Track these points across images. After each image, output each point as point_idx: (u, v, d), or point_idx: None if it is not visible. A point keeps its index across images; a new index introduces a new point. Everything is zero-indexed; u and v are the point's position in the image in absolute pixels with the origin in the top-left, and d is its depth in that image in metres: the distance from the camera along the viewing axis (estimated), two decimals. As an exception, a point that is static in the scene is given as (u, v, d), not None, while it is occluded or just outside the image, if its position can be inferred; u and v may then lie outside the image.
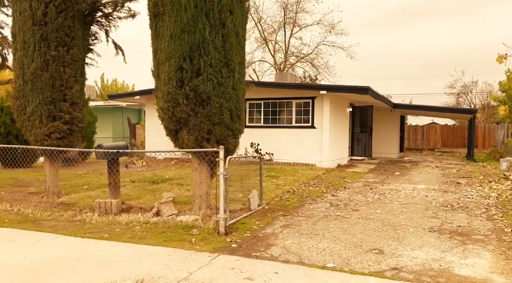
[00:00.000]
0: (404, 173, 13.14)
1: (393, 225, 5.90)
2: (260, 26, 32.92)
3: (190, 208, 6.22)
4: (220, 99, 5.76)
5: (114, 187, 6.36)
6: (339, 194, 8.76)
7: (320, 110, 13.96)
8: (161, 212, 5.66)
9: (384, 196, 8.48)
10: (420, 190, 9.48)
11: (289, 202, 7.66)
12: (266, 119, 15.08)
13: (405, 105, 19.61)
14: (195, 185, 6.22)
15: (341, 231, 5.50)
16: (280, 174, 11.31)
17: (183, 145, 5.92)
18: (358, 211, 6.90)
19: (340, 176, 11.74)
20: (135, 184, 9.02)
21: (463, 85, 34.96)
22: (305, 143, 14.15)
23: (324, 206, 7.38)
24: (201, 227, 5.27)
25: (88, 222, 5.79)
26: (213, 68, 5.65)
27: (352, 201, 7.92)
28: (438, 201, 8.05)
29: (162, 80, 5.79)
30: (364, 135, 17.91)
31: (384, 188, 9.73)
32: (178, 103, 5.70)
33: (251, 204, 6.40)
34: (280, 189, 8.79)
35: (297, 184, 9.73)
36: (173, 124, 5.88)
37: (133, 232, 5.25)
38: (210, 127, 5.83)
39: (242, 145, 15.55)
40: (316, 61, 33.93)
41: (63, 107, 7.04)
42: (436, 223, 6.11)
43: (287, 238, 5.15)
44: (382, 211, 6.96)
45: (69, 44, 7.04)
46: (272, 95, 14.85)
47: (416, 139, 27.88)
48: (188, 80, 5.62)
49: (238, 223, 5.65)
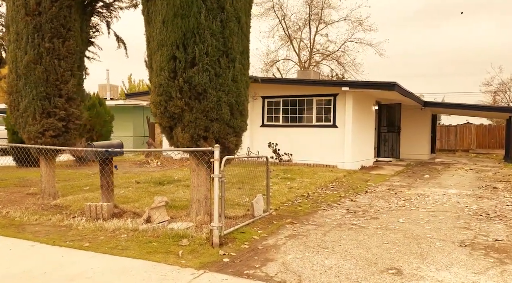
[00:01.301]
0: (434, 176, 12.11)
1: (417, 238, 5.09)
2: (284, 23, 32.19)
3: (187, 214, 5.62)
4: (218, 92, 5.12)
5: (106, 189, 5.84)
6: (358, 199, 7.96)
7: (342, 108, 13.12)
8: (151, 218, 5.08)
9: (410, 202, 7.61)
10: (451, 195, 8.54)
11: (301, 207, 6.94)
12: (285, 118, 14.36)
13: (436, 103, 18.40)
14: (192, 189, 5.61)
15: (354, 244, 4.75)
16: (297, 176, 10.57)
17: (178, 143, 5.33)
18: (378, 220, 6.11)
19: (362, 179, 10.88)
20: (139, 185, 8.53)
21: (501, 82, 32.88)
22: (326, 143, 13.34)
23: (340, 212, 6.62)
24: (192, 237, 4.65)
25: (74, 227, 5.28)
26: (209, 57, 5.02)
27: (372, 207, 7.11)
28: (472, 208, 7.13)
29: (154, 71, 5.22)
30: (392, 135, 16.87)
31: (410, 192, 8.84)
32: (171, 97, 5.10)
33: (254, 210, 5.73)
34: (293, 193, 8.07)
35: (313, 187, 8.98)
36: (166, 120, 5.29)
37: (118, 241, 4.69)
38: (207, 123, 5.20)
39: (260, 144, 14.97)
40: (342, 58, 32.90)
41: (58, 103, 6.60)
42: (468, 236, 5.25)
43: (289, 251, 4.45)
44: (406, 219, 6.14)
45: (64, 36, 6.60)
46: (291, 92, 14.12)
47: (449, 139, 26.36)
48: (182, 70, 5.02)
49: (236, 232, 4.99)
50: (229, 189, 8.31)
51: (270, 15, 31.98)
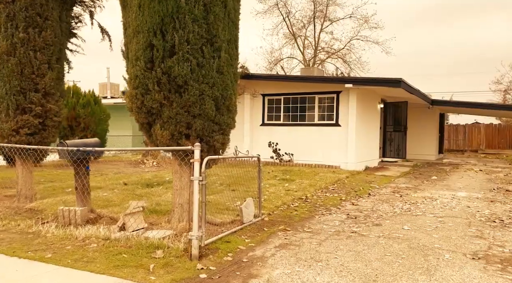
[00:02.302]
0: (442, 178, 11.49)
1: (423, 248, 4.52)
2: (288, 21, 31.58)
3: (168, 220, 5.09)
4: (201, 84, 4.59)
5: (81, 192, 5.33)
6: (360, 202, 7.38)
7: (345, 106, 12.54)
8: (125, 225, 4.56)
9: (416, 207, 7.02)
10: (460, 198, 7.93)
11: (297, 212, 6.38)
12: (286, 117, 13.80)
13: (444, 101, 17.73)
14: (174, 192, 5.09)
15: (352, 257, 4.19)
16: (296, 177, 10.02)
17: (157, 142, 4.80)
18: (380, 227, 5.53)
19: (365, 181, 10.29)
20: (126, 187, 8.02)
21: (511, 80, 31.98)
22: (328, 142, 12.76)
23: (339, 218, 6.06)
24: (169, 248, 4.12)
25: (42, 235, 4.77)
26: (191, 45, 4.49)
27: (375, 212, 6.54)
28: (484, 213, 6.54)
29: (129, 61, 4.70)
30: (398, 134, 16.21)
31: (416, 195, 8.24)
32: (148, 90, 4.57)
33: (243, 216, 5.18)
34: (290, 196, 7.52)
35: (312, 189, 8.41)
36: (144, 116, 4.77)
37: (85, 251, 4.17)
38: (189, 120, 4.66)
39: (260, 144, 14.41)
40: (348, 56, 32.21)
41: (34, 98, 6.10)
42: (481, 246, 4.67)
43: (278, 265, 3.90)
44: (411, 226, 5.56)
45: (41, 25, 6.10)
46: (292, 90, 13.55)
47: (457, 139, 25.61)
48: (160, 60, 4.49)
49: (220, 242, 4.45)
50: (222, 191, 7.79)
51: (274, 12, 31.42)
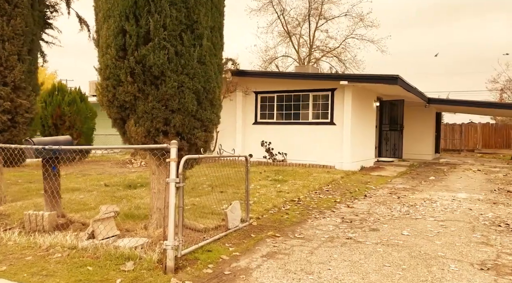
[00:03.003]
0: (441, 178, 11.09)
1: (426, 257, 4.08)
2: (283, 19, 31.17)
3: (145, 226, 4.62)
4: (180, 75, 4.12)
5: (51, 195, 4.85)
6: (356, 204, 6.95)
7: (340, 104, 12.10)
8: (95, 232, 4.08)
9: (415, 209, 6.60)
10: (461, 200, 7.52)
11: (288, 215, 5.93)
12: (280, 115, 13.35)
13: (441, 100, 17.36)
14: (152, 195, 4.62)
15: (347, 268, 3.75)
16: (289, 177, 9.57)
17: (132, 139, 4.33)
18: (378, 232, 5.10)
19: (361, 181, 9.86)
20: (107, 188, 7.53)
21: (508, 79, 31.66)
22: (323, 141, 12.33)
23: (333, 222, 5.61)
24: (141, 259, 3.65)
25: (3, 243, 4.28)
26: (168, 31, 4.02)
27: (371, 215, 6.11)
28: (487, 217, 6.13)
29: (100, 49, 4.23)
30: (394, 133, 15.82)
31: (415, 197, 7.83)
32: (120, 81, 4.10)
33: (228, 221, 4.72)
34: (282, 197, 7.07)
35: (305, 190, 7.97)
36: (116, 111, 4.29)
37: (46, 263, 3.69)
38: (167, 115, 4.20)
39: (253, 143, 13.95)
40: (343, 55, 31.86)
41: (1, 92, 5.60)
42: (489, 254, 4.25)
43: (263, 278, 3.45)
44: (411, 232, 5.13)
45: (10, 13, 5.60)
46: (286, 87, 13.11)
47: (453, 139, 25.29)
48: (133, 48, 4.02)
49: (200, 251, 3.99)
50: (210, 193, 7.33)
51: (269, 10, 30.98)
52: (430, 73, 60.34)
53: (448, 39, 58.76)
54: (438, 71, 61.50)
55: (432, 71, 61.20)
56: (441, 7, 56.18)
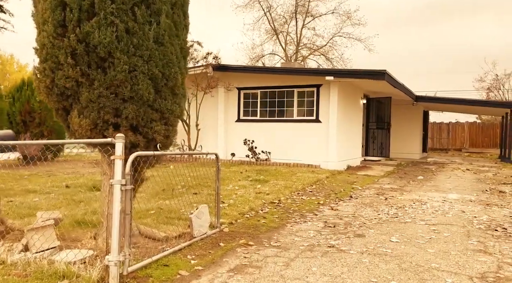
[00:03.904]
0: (429, 178, 10.64)
1: (418, 270, 3.53)
2: (269, 15, 30.59)
3: (94, 236, 3.98)
4: (132, 57, 3.50)
5: (-13, 198, 4.18)
6: (341, 207, 6.39)
7: (326, 101, 11.57)
8: (28, 244, 3.43)
9: (404, 211, 6.08)
10: (453, 201, 7.04)
11: (265, 220, 5.34)
12: (263, 112, 12.77)
13: (429, 98, 16.98)
14: (103, 200, 3.98)
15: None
16: (271, 177, 8.99)
17: (76, 133, 3.68)
18: (364, 238, 4.54)
19: (347, 181, 9.33)
20: (67, 190, 6.84)
21: (495, 78, 31.55)
22: (308, 140, 11.79)
23: (315, 227, 5.04)
24: (79, 277, 3.02)
25: None
26: (116, 4, 3.39)
27: (357, 218, 5.56)
28: (481, 220, 5.63)
29: (37, 25, 3.57)
30: (381, 132, 15.38)
31: (403, 198, 7.31)
32: (60, 63, 3.46)
33: (194, 228, 4.10)
34: (261, 199, 6.48)
35: (287, 191, 7.40)
36: (56, 99, 3.64)
37: (-36, 281, 3.04)
38: (117, 104, 3.57)
39: (235, 142, 13.33)
40: (330, 53, 31.44)
41: None
42: (489, 265, 3.72)
43: (226, 300, 2.86)
44: (401, 238, 4.59)
45: None
46: (270, 83, 12.53)
47: (440, 138, 25.03)
48: (75, 24, 3.38)
49: (155, 266, 3.37)
50: (182, 195, 6.69)
51: (255, 6, 30.39)
52: (416, 73, 60.44)
53: (435, 39, 58.95)
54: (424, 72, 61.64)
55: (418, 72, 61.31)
56: (426, 8, 56.30)
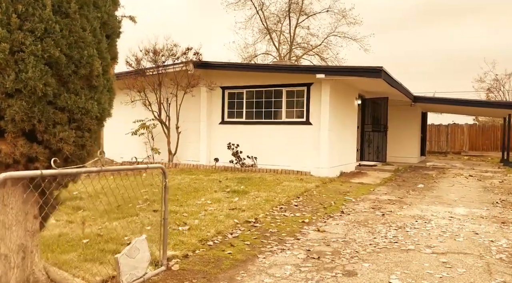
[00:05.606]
0: (431, 186, 9.59)
1: None
2: (262, 14, 29.54)
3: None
4: (16, 33, 2.41)
5: None
6: (329, 227, 5.32)
7: (317, 101, 10.51)
8: None
9: (405, 233, 5.01)
10: (461, 218, 5.98)
11: (233, 248, 4.25)
12: (249, 113, 11.69)
13: (428, 98, 15.97)
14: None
15: None
16: (253, 188, 7.90)
17: None
18: (355, 278, 3.46)
19: (339, 191, 8.27)
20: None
21: (495, 78, 30.60)
22: (297, 144, 10.72)
23: (294, 259, 3.96)
24: None
25: None
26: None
27: (348, 244, 4.48)
28: (501, 246, 4.57)
29: None
30: (377, 134, 14.34)
31: (403, 213, 6.26)
32: None
33: (121, 273, 2.99)
34: (234, 218, 5.39)
35: (268, 206, 6.31)
36: None
37: None
38: (-1, 101, 2.48)
39: (219, 146, 12.25)
40: (325, 53, 30.44)
41: None
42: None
43: None
44: (403, 277, 3.52)
45: None
46: (257, 82, 11.46)
47: (439, 140, 24.04)
48: None
49: None
50: (139, 213, 5.61)
51: (247, 4, 29.32)
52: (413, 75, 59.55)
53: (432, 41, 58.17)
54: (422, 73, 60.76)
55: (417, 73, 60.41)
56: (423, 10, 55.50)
